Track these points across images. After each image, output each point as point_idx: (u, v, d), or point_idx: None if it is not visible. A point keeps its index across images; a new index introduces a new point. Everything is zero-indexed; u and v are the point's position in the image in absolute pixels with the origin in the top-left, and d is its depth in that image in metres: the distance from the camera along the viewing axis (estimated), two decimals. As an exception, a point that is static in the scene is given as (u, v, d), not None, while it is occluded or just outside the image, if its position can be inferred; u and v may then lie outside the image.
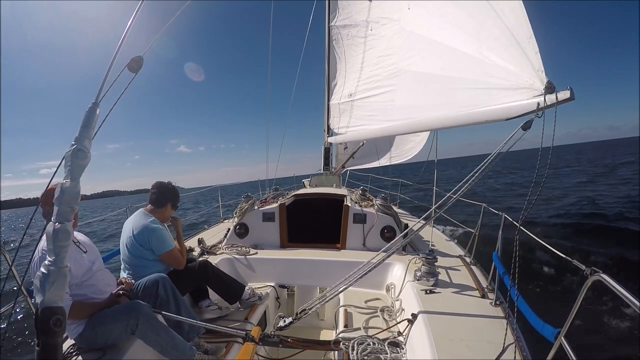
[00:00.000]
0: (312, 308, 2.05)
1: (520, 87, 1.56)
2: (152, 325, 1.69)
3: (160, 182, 2.49)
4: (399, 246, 2.35)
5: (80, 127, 1.04)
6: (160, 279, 2.04)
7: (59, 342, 0.99)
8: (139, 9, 1.25)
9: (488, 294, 2.17)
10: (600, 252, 6.29)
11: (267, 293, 2.76)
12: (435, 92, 2.34)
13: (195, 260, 2.60)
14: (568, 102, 1.35)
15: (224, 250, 3.32)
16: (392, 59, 3.10)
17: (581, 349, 2.79)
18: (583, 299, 1.15)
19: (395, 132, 3.62)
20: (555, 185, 17.62)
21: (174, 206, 2.52)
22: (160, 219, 2.40)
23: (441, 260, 2.71)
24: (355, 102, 4.07)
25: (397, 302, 2.39)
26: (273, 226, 3.53)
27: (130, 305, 1.71)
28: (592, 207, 10.54)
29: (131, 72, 1.21)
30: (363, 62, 3.94)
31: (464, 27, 2.00)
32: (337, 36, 4.80)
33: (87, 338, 1.65)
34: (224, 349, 1.99)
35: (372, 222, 3.30)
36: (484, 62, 1.80)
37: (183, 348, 1.75)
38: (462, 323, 1.83)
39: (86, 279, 1.69)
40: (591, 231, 8.02)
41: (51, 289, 0.95)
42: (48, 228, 0.98)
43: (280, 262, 3.11)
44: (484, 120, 1.75)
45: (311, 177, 6.47)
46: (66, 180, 1.01)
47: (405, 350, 1.87)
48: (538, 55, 1.48)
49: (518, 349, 1.54)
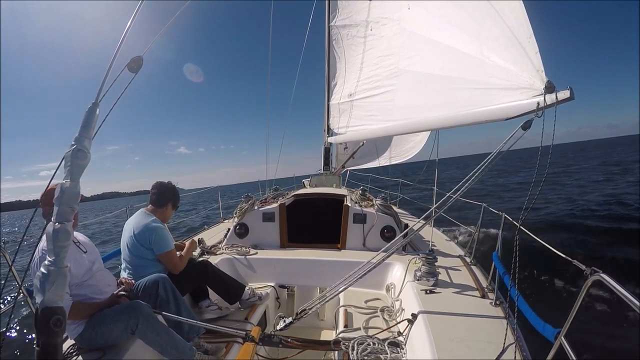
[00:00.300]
0: (312, 308, 2.05)
1: (521, 86, 1.56)
2: (152, 325, 1.69)
3: (160, 182, 2.50)
4: (399, 246, 2.35)
5: (80, 127, 1.04)
6: (160, 279, 2.04)
7: (59, 342, 0.99)
8: (139, 9, 1.25)
9: (488, 294, 2.17)
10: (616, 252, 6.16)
11: (267, 293, 2.76)
12: (435, 92, 2.34)
13: (195, 260, 2.59)
14: (568, 101, 1.35)
15: (224, 251, 3.32)
16: (392, 59, 3.10)
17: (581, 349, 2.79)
18: (583, 299, 1.15)
19: (395, 132, 3.63)
20: (573, 183, 17.16)
21: (174, 206, 2.52)
22: (161, 218, 2.40)
23: (441, 260, 2.71)
24: (355, 102, 4.08)
25: (397, 302, 2.39)
26: (273, 226, 3.53)
27: (130, 305, 1.71)
28: (622, 208, 10.10)
29: (131, 72, 1.21)
30: (363, 62, 3.95)
31: (464, 27, 2.00)
32: (337, 36, 4.80)
33: (87, 338, 1.65)
34: (224, 349, 1.99)
35: (372, 222, 3.30)
36: (484, 62, 1.80)
37: (183, 348, 1.75)
38: (462, 323, 1.83)
39: (86, 279, 1.69)
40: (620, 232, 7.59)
41: (51, 289, 0.95)
42: (48, 228, 0.98)
43: (280, 262, 3.11)
44: (484, 120, 1.75)
45: (311, 177, 6.47)
46: (66, 180, 1.01)
47: (405, 350, 1.87)
48: (538, 55, 1.49)
49: (518, 349, 1.54)
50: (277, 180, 6.57)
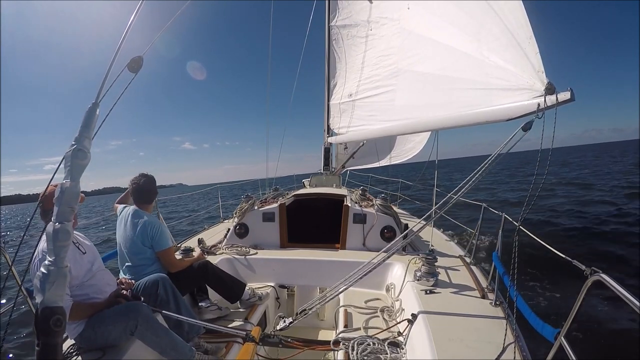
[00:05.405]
0: (312, 308, 2.05)
1: (521, 87, 1.56)
2: (151, 327, 1.68)
3: (140, 179, 2.36)
4: (399, 247, 2.35)
5: (80, 127, 1.04)
6: (160, 279, 2.04)
7: (59, 342, 0.99)
8: (139, 8, 1.25)
9: (488, 294, 2.17)
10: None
11: (267, 293, 2.76)
12: (435, 92, 2.34)
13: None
14: (568, 103, 1.35)
15: (224, 250, 3.32)
16: (392, 59, 3.10)
17: (581, 349, 2.79)
18: (583, 299, 1.15)
19: (396, 132, 3.63)
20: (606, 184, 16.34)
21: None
22: (149, 212, 2.41)
23: (441, 260, 2.71)
24: (355, 102, 4.07)
25: (397, 302, 2.39)
26: (273, 226, 3.53)
27: (129, 306, 1.71)
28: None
29: (131, 72, 1.21)
30: (363, 62, 3.94)
31: (464, 27, 2.00)
32: (337, 36, 4.80)
33: (87, 338, 1.65)
34: (224, 349, 1.99)
35: (372, 222, 3.30)
36: (484, 62, 1.80)
37: (182, 349, 1.75)
38: (462, 323, 1.83)
39: (87, 279, 1.69)
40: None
41: (51, 289, 0.95)
42: (48, 228, 0.98)
43: (280, 262, 3.11)
44: (484, 120, 1.75)
45: (311, 177, 6.46)
46: (66, 180, 1.01)
47: (405, 350, 1.87)
48: (538, 56, 1.49)
49: (518, 349, 1.54)
50: (277, 179, 6.56)
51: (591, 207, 10.67)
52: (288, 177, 10.38)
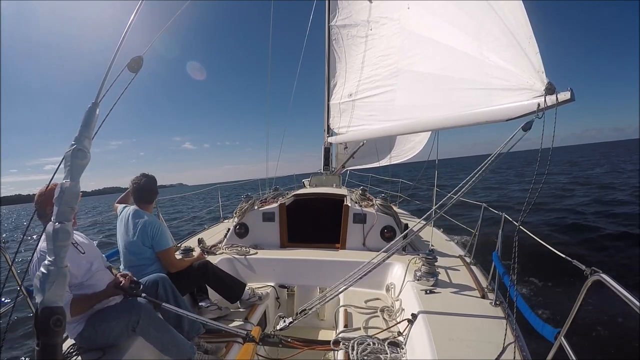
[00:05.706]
0: (312, 308, 2.05)
1: (521, 87, 1.56)
2: (153, 322, 1.69)
3: (140, 179, 2.37)
4: (399, 247, 2.35)
5: (80, 127, 1.04)
6: (160, 279, 2.04)
7: (59, 342, 0.99)
8: (139, 8, 1.25)
9: (488, 294, 2.17)
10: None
11: (267, 293, 2.76)
12: (436, 92, 2.34)
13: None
14: (568, 103, 1.35)
15: (224, 250, 3.32)
16: (392, 59, 3.10)
17: (581, 349, 2.79)
18: (583, 298, 1.15)
19: (396, 132, 3.62)
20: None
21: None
22: (149, 212, 2.41)
23: (441, 260, 2.71)
24: (355, 101, 4.07)
25: (397, 302, 2.39)
26: (273, 226, 3.53)
27: (131, 302, 1.71)
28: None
29: (131, 72, 1.21)
30: (363, 62, 3.94)
31: (464, 27, 2.00)
32: (337, 36, 4.80)
33: (87, 337, 1.65)
34: (224, 349, 1.99)
35: (372, 222, 3.30)
36: (484, 62, 1.80)
37: (184, 346, 1.75)
38: (462, 323, 1.83)
39: (86, 279, 1.69)
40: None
41: (51, 289, 0.95)
42: (48, 228, 0.98)
43: (280, 262, 3.11)
44: (484, 120, 1.75)
45: (311, 177, 6.46)
46: (66, 180, 1.01)
47: (405, 350, 1.87)
48: (538, 56, 1.48)
49: (518, 348, 1.54)
50: (277, 179, 6.55)
51: (620, 208, 10.34)
52: (288, 177, 10.38)
